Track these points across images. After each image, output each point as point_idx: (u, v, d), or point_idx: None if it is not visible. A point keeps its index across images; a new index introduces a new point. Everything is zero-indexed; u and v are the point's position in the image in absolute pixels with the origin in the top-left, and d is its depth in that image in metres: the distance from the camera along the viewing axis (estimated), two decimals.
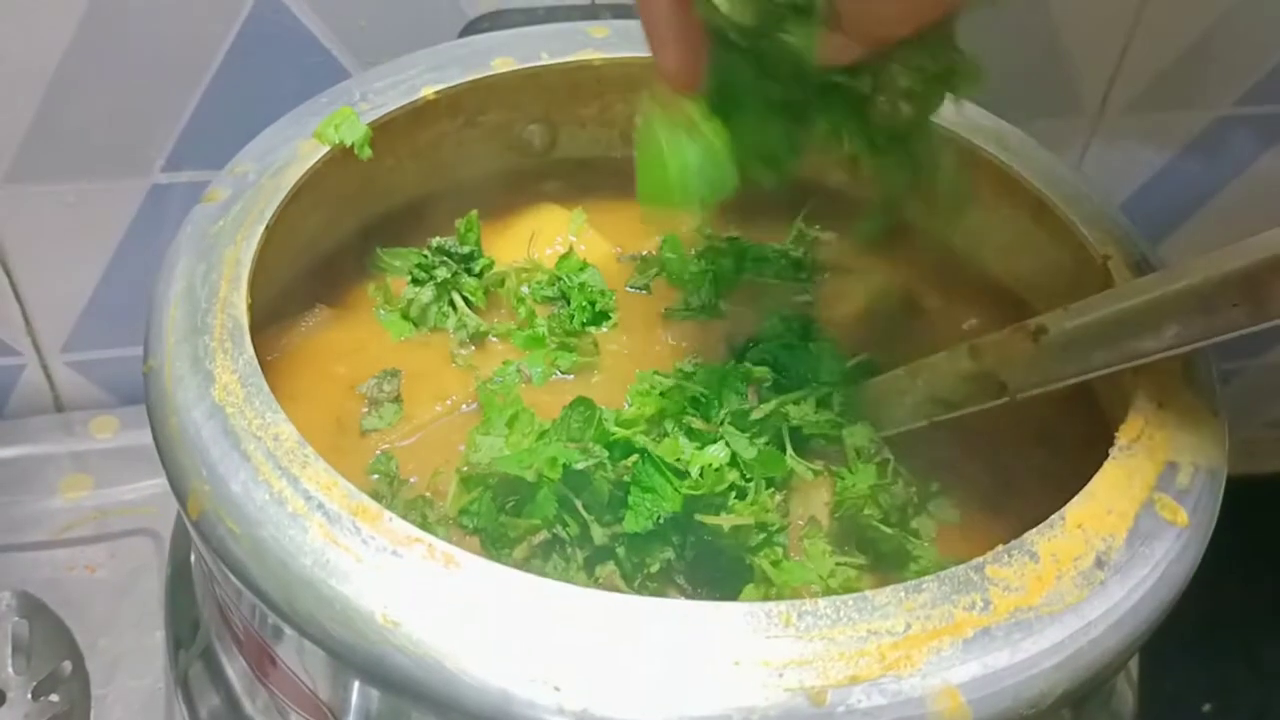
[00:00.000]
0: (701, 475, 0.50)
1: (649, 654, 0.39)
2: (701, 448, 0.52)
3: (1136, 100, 0.94)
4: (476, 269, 0.63)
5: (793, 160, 0.52)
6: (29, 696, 0.74)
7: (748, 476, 0.51)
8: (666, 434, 0.53)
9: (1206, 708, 1.10)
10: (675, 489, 0.50)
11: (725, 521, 0.49)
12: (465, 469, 0.53)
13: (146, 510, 0.86)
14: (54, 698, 0.74)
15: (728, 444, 0.52)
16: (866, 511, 0.53)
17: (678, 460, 0.51)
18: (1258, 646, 1.12)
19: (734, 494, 0.51)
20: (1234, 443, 0.52)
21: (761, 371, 0.58)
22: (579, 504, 0.50)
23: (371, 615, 0.40)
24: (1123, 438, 0.49)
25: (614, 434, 0.52)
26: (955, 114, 0.66)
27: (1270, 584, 1.12)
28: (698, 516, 0.50)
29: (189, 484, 0.45)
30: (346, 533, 0.42)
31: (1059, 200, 0.61)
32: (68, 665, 0.76)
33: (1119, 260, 0.58)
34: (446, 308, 0.62)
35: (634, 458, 0.51)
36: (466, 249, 0.62)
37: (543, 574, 0.43)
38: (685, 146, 0.49)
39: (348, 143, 0.59)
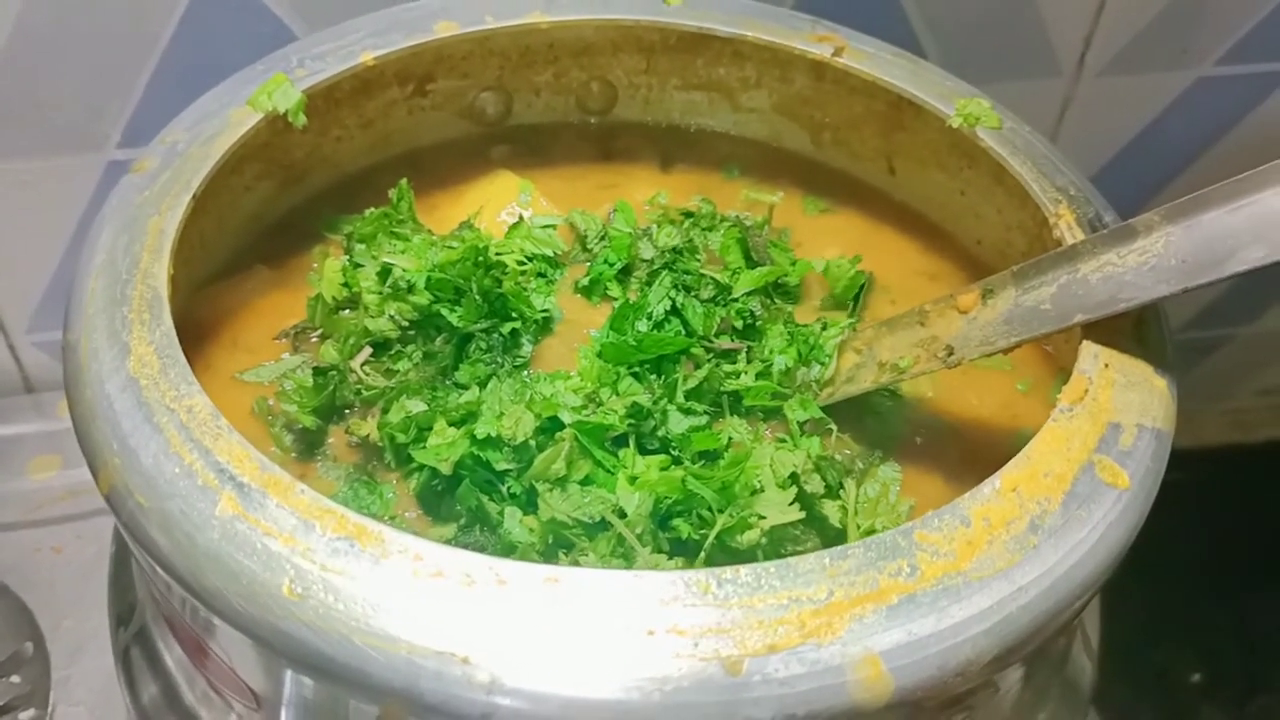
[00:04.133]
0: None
1: (560, 624, 0.38)
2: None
3: (1114, 61, 0.92)
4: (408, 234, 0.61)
5: None
6: None
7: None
8: (601, 403, 0.52)
9: (1195, 678, 1.09)
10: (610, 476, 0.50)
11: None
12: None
13: None
14: (15, 679, 0.74)
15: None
16: (809, 489, 0.51)
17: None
18: (1248, 617, 1.10)
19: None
20: (1225, 412, 0.51)
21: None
22: (504, 490, 0.49)
23: (277, 588, 0.39)
24: (1064, 399, 0.47)
25: (545, 403, 0.51)
26: (912, 75, 0.65)
27: (1260, 554, 1.10)
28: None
29: (101, 458, 0.44)
30: (255, 505, 0.41)
31: (1012, 159, 0.60)
32: (29, 647, 0.75)
33: (1071, 219, 0.56)
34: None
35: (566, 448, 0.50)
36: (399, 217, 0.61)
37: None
38: None
39: (281, 110, 0.58)
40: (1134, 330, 0.51)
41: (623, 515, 0.48)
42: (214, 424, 0.43)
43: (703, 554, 0.47)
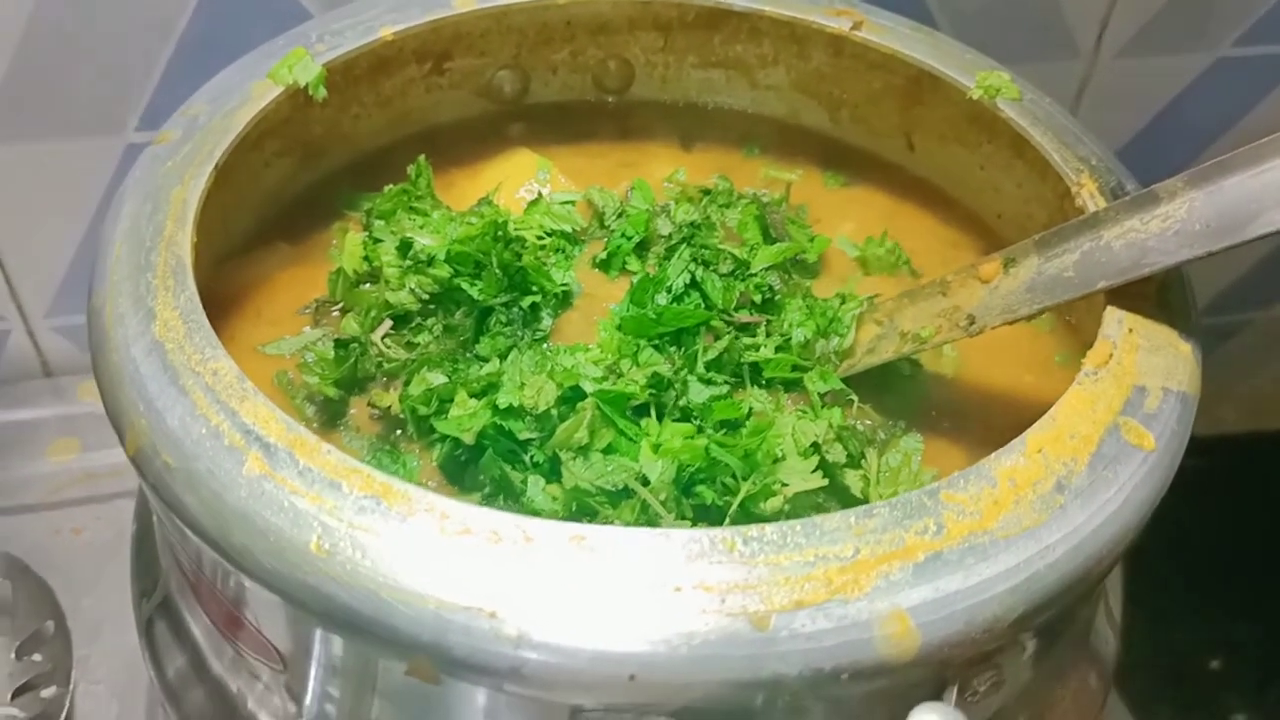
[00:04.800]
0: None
1: (588, 580, 0.38)
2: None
3: (1131, 43, 0.92)
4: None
5: None
6: (12, 656, 0.74)
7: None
8: (622, 374, 0.52)
9: (1215, 664, 1.09)
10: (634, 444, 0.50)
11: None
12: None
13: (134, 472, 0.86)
14: (36, 657, 0.74)
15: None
16: (831, 458, 0.51)
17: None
18: (1267, 603, 1.10)
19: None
20: (1242, 397, 0.50)
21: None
22: (527, 459, 0.49)
23: (305, 545, 0.39)
24: (1089, 363, 0.47)
25: (567, 373, 0.51)
26: (931, 48, 0.65)
27: (1278, 541, 1.10)
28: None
29: (127, 419, 0.44)
30: (282, 465, 0.41)
31: (1033, 130, 0.60)
32: (50, 625, 0.76)
33: (1093, 189, 0.56)
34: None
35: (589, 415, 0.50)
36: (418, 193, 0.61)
37: None
38: None
39: (302, 83, 0.58)
40: (1158, 296, 0.51)
41: (646, 482, 0.48)
42: (240, 386, 0.44)
43: (727, 520, 0.47)
